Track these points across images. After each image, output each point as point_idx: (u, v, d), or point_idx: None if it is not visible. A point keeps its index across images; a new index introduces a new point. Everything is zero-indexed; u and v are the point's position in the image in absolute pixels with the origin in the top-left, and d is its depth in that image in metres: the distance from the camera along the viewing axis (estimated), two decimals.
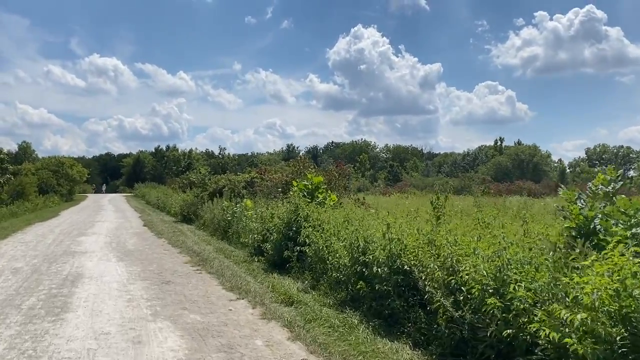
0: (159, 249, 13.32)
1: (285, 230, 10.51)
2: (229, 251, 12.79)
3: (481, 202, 21.64)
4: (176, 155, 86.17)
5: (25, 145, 67.67)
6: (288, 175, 21.91)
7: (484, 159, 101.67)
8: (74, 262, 10.87)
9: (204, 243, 14.52)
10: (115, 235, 16.30)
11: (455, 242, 5.99)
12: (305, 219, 10.48)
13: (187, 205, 23.22)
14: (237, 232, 14.63)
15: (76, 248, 13.07)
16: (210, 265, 10.53)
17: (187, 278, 9.32)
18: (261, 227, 12.06)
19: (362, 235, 7.73)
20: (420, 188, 52.81)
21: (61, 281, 8.77)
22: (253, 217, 14.18)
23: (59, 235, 15.95)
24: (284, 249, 10.23)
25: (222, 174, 28.36)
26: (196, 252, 12.39)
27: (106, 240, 14.83)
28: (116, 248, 13.26)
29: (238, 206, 15.73)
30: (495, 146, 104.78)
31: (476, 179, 70.01)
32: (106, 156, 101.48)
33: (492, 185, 48.43)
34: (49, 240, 14.65)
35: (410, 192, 41.17)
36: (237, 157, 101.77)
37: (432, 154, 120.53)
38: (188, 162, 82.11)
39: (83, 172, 53.89)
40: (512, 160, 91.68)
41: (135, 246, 13.82)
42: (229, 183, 22.43)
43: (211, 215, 18.37)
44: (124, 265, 10.53)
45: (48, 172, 44.38)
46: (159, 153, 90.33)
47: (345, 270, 7.83)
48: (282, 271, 9.94)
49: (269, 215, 12.27)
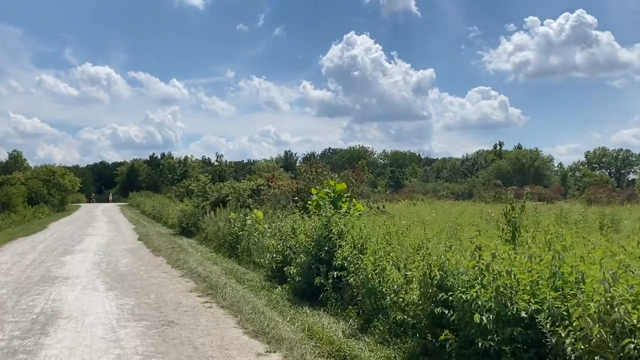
0: (156, 271, 11.20)
1: (314, 250, 8.44)
2: (241, 273, 10.69)
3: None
4: (171, 163, 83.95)
5: (16, 154, 65.13)
6: (300, 182, 19.89)
7: (483, 164, 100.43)
8: (52, 292, 8.73)
9: (209, 262, 12.41)
10: (106, 253, 14.15)
11: (612, 279, 3.93)
12: (339, 235, 8.44)
13: (186, 216, 21.10)
14: (248, 249, 12.54)
15: (57, 271, 10.93)
16: (221, 295, 8.43)
17: (195, 316, 7.22)
18: (281, 245, 9.98)
19: (435, 262, 5.67)
20: (423, 193, 50.99)
21: (29, 325, 6.64)
22: (268, 232, 12.10)
23: (41, 254, 13.78)
24: (314, 275, 8.17)
25: (219, 182, 26.25)
26: (202, 276, 10.28)
27: (95, 260, 12.69)
28: (105, 271, 11.13)
29: (248, 218, 13.64)
30: (495, 150, 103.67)
31: (478, 184, 68.30)
32: (100, 165, 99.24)
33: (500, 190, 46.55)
34: (27, 261, 12.49)
35: (417, 198, 39.28)
36: (234, 164, 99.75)
37: (430, 160, 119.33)
38: (184, 169, 79.91)
39: (75, 182, 51.61)
40: (512, 165, 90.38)
41: (128, 267, 11.69)
42: (233, 191, 20.33)
43: (215, 228, 16.27)
44: (114, 297, 8.40)
45: (38, 182, 42.12)
46: (154, 161, 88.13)
47: (414, 310, 5.77)
48: (314, 303, 7.87)
49: (288, 229, 10.20)
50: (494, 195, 43.07)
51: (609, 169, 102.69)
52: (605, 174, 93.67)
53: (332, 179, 13.45)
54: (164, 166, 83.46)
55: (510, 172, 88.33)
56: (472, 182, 76.07)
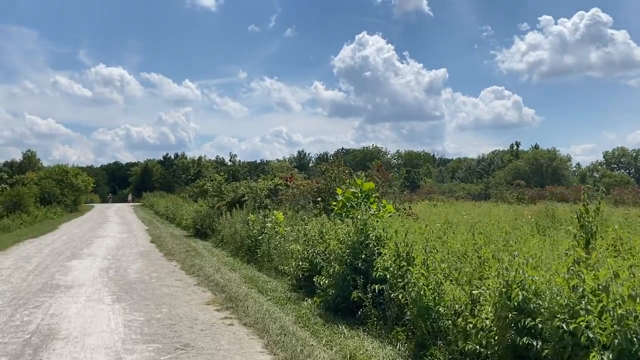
0: (170, 279, 10.18)
1: (349, 259, 7.33)
2: (262, 282, 9.62)
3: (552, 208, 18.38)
4: (185, 163, 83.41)
5: (30, 154, 64.76)
6: (320, 181, 18.80)
7: (499, 164, 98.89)
8: (51, 305, 7.72)
9: (226, 268, 11.37)
10: (116, 258, 13.18)
11: None
12: (377, 241, 7.35)
13: (200, 217, 20.11)
14: (269, 254, 11.48)
15: (61, 279, 9.95)
16: (243, 310, 7.36)
17: (214, 337, 6.15)
18: (307, 251, 8.89)
19: (514, 278, 4.54)
20: (441, 194, 49.63)
21: (19, 348, 5.62)
22: (291, 236, 11.03)
23: (46, 258, 12.84)
24: (350, 287, 7.08)
25: (234, 182, 25.25)
26: (219, 285, 9.23)
27: (103, 266, 11.70)
28: (114, 278, 10.13)
29: (268, 220, 12.58)
30: (512, 150, 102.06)
31: (494, 185, 66.67)
32: (114, 165, 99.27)
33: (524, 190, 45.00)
34: (31, 266, 11.55)
35: (436, 199, 38.00)
36: (247, 164, 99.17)
37: (444, 160, 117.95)
38: (197, 170, 79.34)
39: (88, 181, 51.00)
40: (530, 165, 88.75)
41: (139, 274, 10.68)
42: (249, 191, 19.30)
43: (231, 231, 15.25)
44: (121, 311, 7.37)
45: (51, 182, 41.57)
46: (167, 161, 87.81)
47: (485, 338, 4.65)
48: (350, 321, 6.77)
49: (315, 234, 9.11)
50: (517, 196, 41.61)
51: (628, 169, 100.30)
52: (625, 174, 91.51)
53: (358, 177, 12.32)
54: (178, 166, 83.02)
55: (528, 172, 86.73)
56: (488, 183, 74.56)
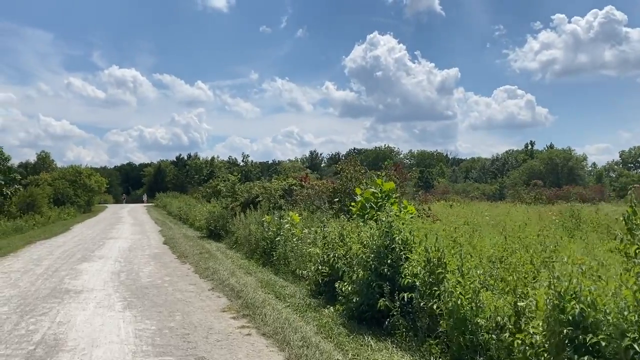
0: (183, 283, 9.77)
1: (374, 264, 6.84)
2: (280, 287, 9.17)
3: (575, 209, 17.69)
4: (198, 164, 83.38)
5: (44, 155, 65.02)
6: (336, 181, 18.33)
7: (514, 164, 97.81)
8: (59, 312, 7.33)
9: (241, 272, 10.94)
10: (128, 260, 12.82)
11: None
12: (404, 246, 6.86)
13: (214, 217, 19.72)
14: (285, 256, 11.03)
15: (71, 283, 9.58)
16: (261, 318, 6.91)
17: (231, 349, 5.70)
18: (327, 254, 8.42)
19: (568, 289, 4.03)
20: (455, 194, 48.94)
21: None
22: (308, 238, 10.57)
23: (57, 261, 12.52)
24: (376, 294, 6.60)
25: (247, 182, 24.86)
26: (235, 290, 8.79)
27: (114, 269, 11.34)
28: (125, 282, 9.74)
29: (284, 221, 12.13)
30: (526, 150, 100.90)
31: (509, 185, 65.65)
32: (127, 166, 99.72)
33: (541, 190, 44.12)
34: (41, 269, 11.22)
35: (452, 199, 37.34)
36: (260, 164, 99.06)
37: (457, 160, 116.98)
38: (210, 170, 79.25)
39: (102, 182, 51.03)
40: (545, 165, 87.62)
41: (151, 278, 10.30)
42: (264, 192, 18.89)
43: (246, 232, 14.83)
44: (132, 319, 6.96)
45: (65, 183, 41.57)
46: (180, 162, 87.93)
47: (537, 355, 4.14)
48: (377, 331, 6.29)
49: (336, 236, 8.63)
50: (534, 196, 40.79)
51: None
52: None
53: (378, 177, 11.82)
54: (191, 167, 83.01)
55: (543, 172, 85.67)
56: (503, 183, 73.63)
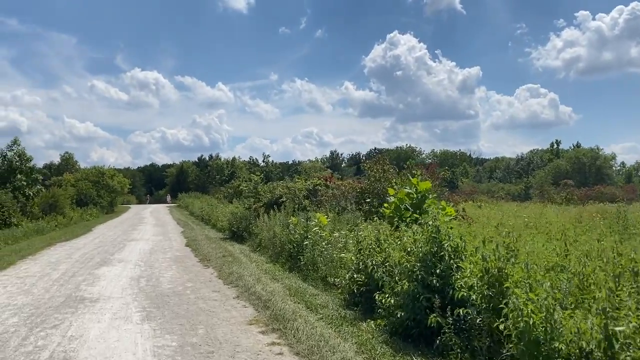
0: (206, 290, 9.10)
1: (421, 274, 6.05)
2: (310, 296, 8.42)
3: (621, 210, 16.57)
4: (219, 164, 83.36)
5: (68, 156, 65.59)
6: (362, 181, 17.56)
7: (539, 163, 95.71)
8: (72, 324, 6.71)
9: (267, 277, 10.23)
10: (149, 264, 12.23)
11: None
12: (454, 253, 6.07)
13: (236, 219, 19.07)
14: (314, 261, 10.28)
15: (87, 290, 8.99)
16: (292, 333, 6.18)
17: None
18: (364, 261, 7.65)
19: None
20: (480, 194, 47.61)
21: None
22: (339, 242, 9.82)
23: (74, 265, 12.00)
24: (424, 309, 5.80)
25: (270, 182, 24.21)
26: (262, 299, 8.07)
27: (134, 274, 10.74)
28: (145, 289, 9.11)
29: (312, 224, 11.40)
30: (552, 149, 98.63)
31: (535, 184, 63.85)
32: (150, 167, 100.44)
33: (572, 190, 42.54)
34: (57, 274, 10.68)
35: (480, 200, 36.20)
36: (280, 165, 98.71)
37: (481, 159, 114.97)
38: (232, 170, 79.14)
39: (124, 183, 51.13)
40: (572, 164, 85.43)
41: (172, 284, 9.65)
42: (287, 192, 18.21)
43: (270, 234, 14.14)
44: (151, 333, 6.29)
45: (88, 183, 41.57)
46: (202, 162, 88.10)
47: None
48: (426, 350, 5.51)
49: (372, 241, 7.85)
50: (565, 196, 39.32)
51: None
52: None
53: (415, 176, 11.01)
54: (212, 167, 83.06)
55: (570, 171, 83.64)
56: (528, 183, 71.89)
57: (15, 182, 26.52)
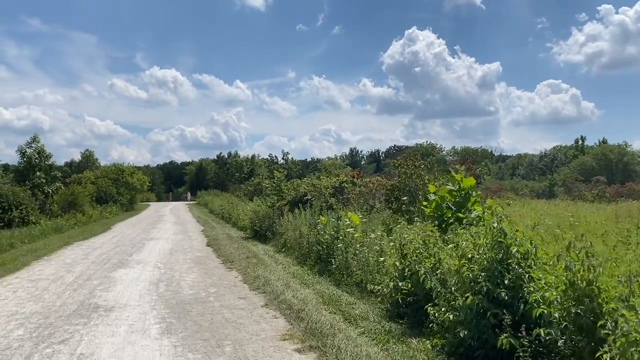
0: (231, 296, 8.29)
1: (487, 286, 5.12)
2: (346, 304, 7.55)
3: None
4: (239, 162, 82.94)
5: (88, 154, 65.64)
6: (393, 178, 16.61)
7: (563, 160, 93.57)
8: (83, 338, 5.94)
9: (296, 282, 9.39)
10: (169, 266, 11.49)
11: None
12: (524, 260, 5.15)
13: (259, 217, 18.31)
14: (347, 265, 9.40)
15: (102, 296, 8.24)
16: (334, 352, 5.31)
17: None
18: (410, 267, 6.75)
19: None
20: (509, 191, 46.22)
21: None
22: (374, 244, 8.93)
23: (90, 266, 11.31)
24: (490, 327, 4.89)
25: (291, 180, 23.38)
26: (293, 308, 7.23)
27: (153, 277, 9.99)
28: (164, 295, 8.34)
29: (344, 223, 10.52)
30: (576, 145, 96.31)
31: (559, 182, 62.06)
32: (170, 164, 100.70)
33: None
34: (72, 277, 9.99)
35: (508, 197, 34.94)
36: (299, 162, 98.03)
37: (503, 156, 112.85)
38: (251, 168, 78.67)
39: (144, 180, 50.80)
40: (598, 161, 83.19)
41: (194, 289, 8.87)
42: (312, 189, 17.35)
43: (296, 234, 13.33)
44: (171, 350, 5.48)
45: (107, 181, 41.30)
46: (220, 160, 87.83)
47: None
48: None
49: (419, 244, 6.94)
50: (597, 194, 37.78)
51: None
52: None
53: (458, 172, 10.05)
54: (231, 165, 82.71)
55: (596, 168, 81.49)
56: (553, 180, 70.09)
57: (34, 179, 26.16)
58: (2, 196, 20.96)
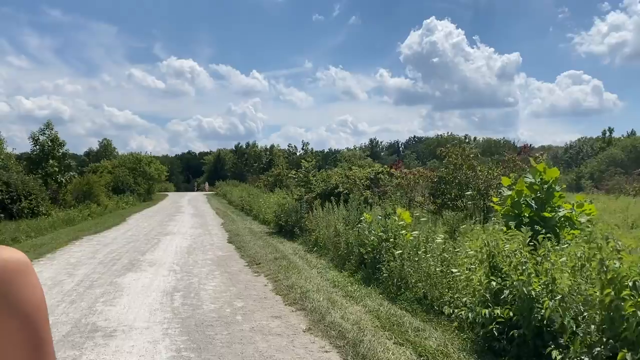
0: (262, 315, 6.61)
1: None
2: (414, 332, 5.80)
3: None
4: (257, 152, 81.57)
5: (106, 143, 64.90)
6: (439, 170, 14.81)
7: (590, 152, 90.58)
8: None
9: (340, 294, 7.68)
10: (185, 269, 9.87)
11: None
12: None
13: (285, 211, 16.63)
14: (403, 275, 7.66)
15: (102, 314, 6.62)
16: None
17: None
18: (512, 287, 4.99)
19: None
20: None
21: None
22: (444, 251, 7.17)
23: (96, 268, 9.75)
24: None
25: (320, 171, 21.63)
26: (347, 337, 5.51)
27: (167, 286, 8.35)
28: (180, 313, 6.69)
29: (397, 223, 8.77)
30: (604, 137, 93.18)
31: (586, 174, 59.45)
32: (188, 155, 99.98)
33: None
34: (72, 283, 8.41)
35: None
36: (318, 153, 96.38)
37: (527, 148, 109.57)
38: (270, 158, 77.22)
39: (162, 170, 49.53)
40: (627, 153, 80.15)
41: (217, 303, 7.21)
42: (345, 181, 15.63)
43: (330, 232, 11.61)
44: None
45: (125, 170, 40.10)
46: (239, 150, 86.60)
47: None
48: None
49: (526, 257, 5.16)
50: None
51: None
52: None
53: (540, 162, 8.22)
54: (249, 155, 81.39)
55: (625, 160, 78.52)
56: (579, 172, 67.47)
57: (47, 167, 24.88)
58: (11, 185, 19.61)
